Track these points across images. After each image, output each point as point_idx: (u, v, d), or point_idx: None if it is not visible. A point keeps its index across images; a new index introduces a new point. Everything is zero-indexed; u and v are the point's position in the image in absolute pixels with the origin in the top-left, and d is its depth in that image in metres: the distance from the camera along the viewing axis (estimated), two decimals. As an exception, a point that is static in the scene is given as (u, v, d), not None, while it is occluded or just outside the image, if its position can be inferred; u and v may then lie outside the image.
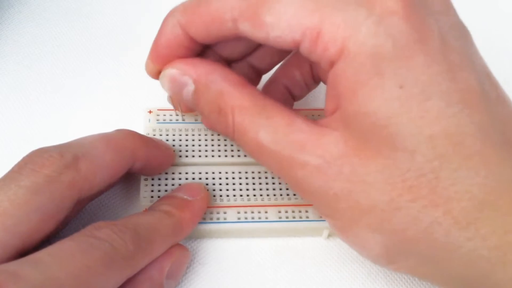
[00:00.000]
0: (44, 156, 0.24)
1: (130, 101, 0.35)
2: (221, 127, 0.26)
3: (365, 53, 0.22)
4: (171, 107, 0.32)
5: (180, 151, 0.31)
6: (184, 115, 0.32)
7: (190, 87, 0.26)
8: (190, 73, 0.26)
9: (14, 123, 0.33)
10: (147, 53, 0.26)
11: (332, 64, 0.23)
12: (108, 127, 0.33)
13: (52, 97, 0.34)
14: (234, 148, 0.31)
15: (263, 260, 0.30)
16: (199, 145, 0.31)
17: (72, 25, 0.38)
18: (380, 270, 0.30)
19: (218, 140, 0.32)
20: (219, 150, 0.31)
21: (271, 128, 0.24)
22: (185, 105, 0.29)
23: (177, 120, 0.32)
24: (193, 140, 0.32)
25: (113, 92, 0.35)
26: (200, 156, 0.31)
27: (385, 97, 0.22)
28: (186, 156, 0.31)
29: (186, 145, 0.31)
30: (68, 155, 0.24)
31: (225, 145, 0.31)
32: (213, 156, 0.31)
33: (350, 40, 0.22)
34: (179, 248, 0.27)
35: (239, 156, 0.31)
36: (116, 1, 0.40)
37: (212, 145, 0.31)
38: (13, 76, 0.35)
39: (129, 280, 0.24)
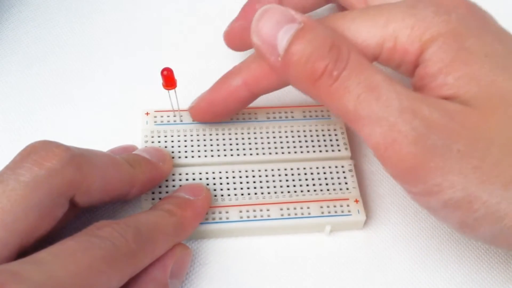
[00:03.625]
0: (49, 148, 0.24)
1: (130, 102, 0.34)
2: (329, 61, 0.24)
3: (446, 36, 0.24)
4: (168, 108, 0.31)
5: (179, 152, 0.31)
6: (181, 116, 0.32)
7: (296, 25, 0.25)
8: (299, 15, 0.25)
9: (14, 123, 0.33)
10: (147, 53, 0.26)
11: (415, 62, 0.25)
12: (108, 128, 0.33)
13: (52, 97, 0.34)
14: (234, 147, 0.31)
15: (265, 258, 0.29)
16: (198, 146, 0.31)
17: (72, 25, 0.38)
18: (383, 262, 0.30)
19: (217, 139, 0.32)
20: (218, 150, 0.31)
21: (389, 78, 0.24)
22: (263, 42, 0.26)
23: (174, 121, 0.32)
24: (191, 140, 0.31)
25: (113, 92, 0.35)
26: (199, 157, 0.31)
27: (479, 65, 0.24)
28: (186, 157, 0.31)
29: (185, 146, 0.31)
30: (74, 150, 0.24)
31: (224, 145, 0.31)
32: (212, 156, 0.31)
33: (427, 33, 0.25)
34: (181, 246, 0.27)
35: (238, 155, 0.31)
36: (117, 1, 0.39)
37: (211, 145, 0.31)
38: (13, 76, 0.35)
39: (133, 281, 0.24)
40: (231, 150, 0.31)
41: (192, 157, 0.31)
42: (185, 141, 0.31)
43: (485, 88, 0.24)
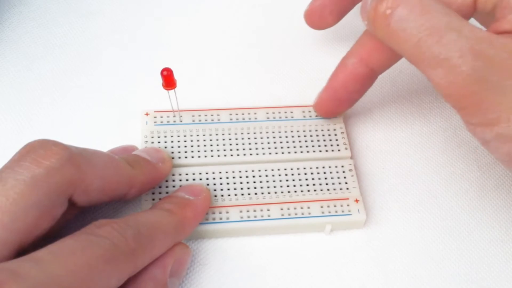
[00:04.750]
0: (47, 146, 0.24)
1: (130, 102, 0.34)
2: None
3: None
4: (168, 108, 0.31)
5: (179, 152, 0.31)
6: (181, 116, 0.32)
7: None
8: None
9: (14, 123, 0.33)
10: (147, 53, 0.26)
11: None
12: (107, 128, 0.33)
13: (52, 97, 0.34)
14: (233, 147, 0.31)
15: (266, 258, 0.29)
16: (198, 146, 0.31)
17: (72, 26, 0.38)
18: (383, 261, 0.30)
19: (217, 140, 0.31)
20: (218, 150, 0.31)
21: (455, 19, 0.24)
22: None
23: (174, 121, 0.32)
24: (191, 141, 0.31)
25: (112, 92, 0.35)
26: (199, 157, 0.31)
27: None
28: (185, 157, 0.31)
29: (185, 146, 0.31)
30: (72, 149, 0.24)
31: (224, 145, 0.31)
32: (212, 156, 0.31)
33: None
34: (180, 246, 0.27)
35: (238, 155, 0.31)
36: (116, 1, 0.39)
37: (211, 145, 0.31)
38: (13, 76, 0.35)
39: (133, 280, 0.24)
40: (231, 150, 0.31)
41: (192, 157, 0.31)
42: (185, 141, 0.31)
43: None
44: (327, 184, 0.31)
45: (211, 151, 0.31)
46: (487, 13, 0.27)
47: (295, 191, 0.30)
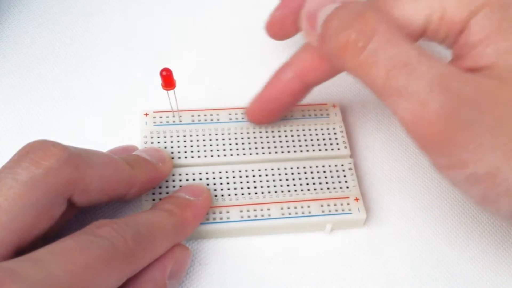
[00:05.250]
0: (46, 147, 0.24)
1: (129, 102, 0.34)
2: (351, 32, 0.24)
3: (493, 5, 0.24)
4: (167, 108, 0.32)
5: (179, 152, 0.31)
6: (181, 116, 0.32)
7: (334, 5, 0.25)
8: None
9: (13, 123, 0.33)
10: (147, 53, 0.26)
11: (460, 32, 0.25)
12: (107, 128, 0.33)
13: (52, 97, 0.34)
14: (233, 147, 0.31)
15: (266, 258, 0.29)
16: (198, 146, 0.31)
17: (72, 26, 0.38)
18: (383, 260, 0.30)
19: (216, 139, 0.32)
20: (217, 150, 0.31)
21: (422, 52, 0.24)
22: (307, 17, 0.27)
23: (174, 121, 0.32)
24: (191, 141, 0.31)
25: (112, 92, 0.35)
26: (199, 157, 0.31)
27: None
28: (185, 157, 0.31)
29: (185, 146, 0.31)
30: (72, 150, 0.24)
31: (224, 145, 0.31)
32: (212, 156, 0.31)
33: (474, 2, 0.25)
34: (180, 247, 0.27)
35: (238, 155, 0.31)
36: (116, 1, 0.39)
37: (211, 145, 0.31)
38: (13, 76, 0.35)
39: (132, 281, 0.24)
40: (231, 150, 0.31)
41: (192, 157, 0.31)
42: (185, 141, 0.31)
43: None
44: (327, 183, 0.31)
45: (211, 151, 0.31)
46: (436, 41, 0.27)
47: (295, 191, 0.30)
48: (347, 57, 0.24)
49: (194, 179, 0.30)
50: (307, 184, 0.31)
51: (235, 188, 0.30)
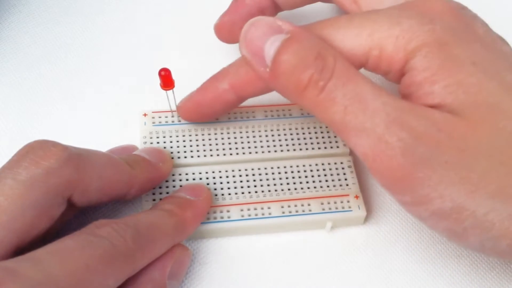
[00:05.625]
0: (46, 147, 0.24)
1: (129, 102, 0.34)
2: (313, 71, 0.24)
3: (431, 46, 0.24)
4: (166, 108, 0.32)
5: (179, 152, 0.31)
6: (179, 116, 0.32)
7: (282, 36, 0.25)
8: (286, 25, 0.25)
9: (13, 123, 0.33)
10: (145, 53, 0.26)
11: (401, 71, 0.25)
12: (107, 128, 0.33)
13: (51, 97, 0.34)
14: (232, 146, 0.31)
15: (266, 257, 0.30)
16: (197, 145, 0.31)
17: (72, 25, 0.38)
18: (384, 258, 0.30)
19: (216, 139, 0.32)
20: (217, 149, 0.31)
21: (376, 87, 0.24)
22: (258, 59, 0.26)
23: (173, 121, 0.32)
24: (190, 140, 0.31)
25: (111, 93, 0.35)
26: (199, 156, 0.31)
27: (466, 73, 0.24)
28: (185, 157, 0.31)
29: (184, 146, 0.31)
30: (71, 150, 0.25)
31: (223, 144, 0.31)
32: (211, 155, 0.31)
33: (412, 42, 0.24)
34: (180, 247, 0.27)
35: (237, 154, 0.31)
36: (116, 1, 0.39)
37: (210, 145, 0.31)
38: (13, 76, 0.35)
39: (131, 281, 0.24)
40: (230, 149, 0.31)
41: (192, 157, 0.31)
42: (184, 141, 0.31)
43: (473, 96, 0.24)
44: (326, 181, 0.31)
45: (210, 150, 0.31)
46: (379, 74, 0.27)
47: (295, 189, 0.30)
48: (307, 96, 0.24)
49: (194, 179, 0.30)
50: (307, 182, 0.31)
51: (235, 187, 0.30)
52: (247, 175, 0.31)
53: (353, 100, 0.23)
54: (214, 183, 0.30)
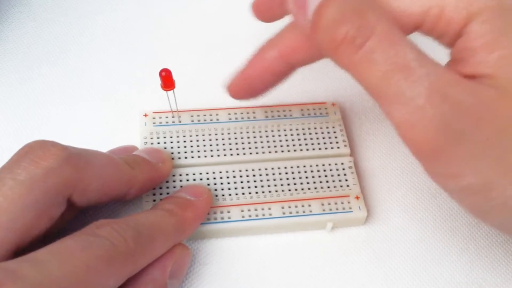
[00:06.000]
0: (46, 147, 0.24)
1: (129, 103, 0.34)
2: (350, 27, 0.23)
3: (494, 10, 0.23)
4: (167, 109, 0.32)
5: (179, 152, 0.31)
6: (180, 116, 0.32)
7: None
8: None
9: (13, 123, 0.33)
10: (146, 54, 0.26)
11: (458, 33, 0.24)
12: (107, 129, 0.33)
13: (51, 97, 0.34)
14: (233, 146, 0.31)
15: (266, 257, 0.29)
16: (197, 146, 0.31)
17: (72, 26, 0.38)
18: (384, 258, 0.30)
19: (216, 139, 0.32)
20: (217, 150, 0.31)
21: (422, 55, 0.23)
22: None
23: (173, 122, 0.32)
24: (191, 141, 0.31)
25: (112, 93, 0.35)
26: (199, 157, 0.31)
27: None
28: (185, 158, 0.31)
29: (185, 147, 0.31)
30: (71, 150, 0.25)
31: (223, 144, 0.31)
32: (212, 156, 0.31)
33: (475, 3, 0.23)
34: (181, 247, 0.27)
35: (238, 154, 0.31)
36: (116, 1, 0.39)
37: (211, 145, 0.31)
38: (13, 76, 0.35)
39: (132, 281, 0.24)
40: (231, 149, 0.31)
41: (192, 157, 0.31)
42: (184, 141, 0.31)
43: None
44: (327, 181, 0.31)
45: (211, 151, 0.31)
46: (432, 37, 0.26)
47: (296, 189, 0.30)
48: (342, 53, 0.23)
49: (194, 179, 0.30)
50: (308, 183, 0.31)
51: (235, 188, 0.30)
52: (247, 176, 0.31)
53: (394, 65, 0.22)
54: (215, 184, 0.30)
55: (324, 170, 0.31)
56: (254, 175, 0.31)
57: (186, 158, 0.31)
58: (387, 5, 0.24)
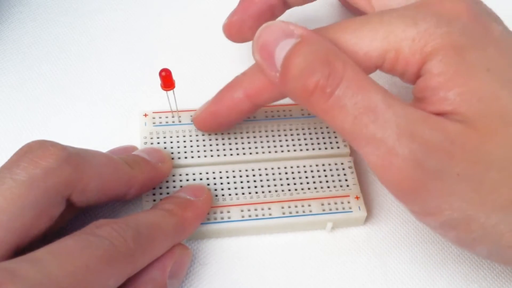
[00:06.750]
0: (45, 147, 0.24)
1: (129, 103, 0.34)
2: (320, 77, 0.24)
3: (448, 49, 0.24)
4: (167, 109, 0.31)
5: (179, 152, 0.31)
6: (180, 116, 0.32)
7: (292, 40, 0.25)
8: (298, 29, 0.25)
9: (13, 123, 0.33)
10: (146, 54, 0.26)
11: (417, 73, 0.25)
12: (107, 129, 0.33)
13: (51, 97, 0.34)
14: (233, 146, 0.31)
15: (266, 257, 0.30)
16: (197, 146, 0.31)
17: (72, 26, 0.38)
18: (384, 260, 0.30)
19: (216, 139, 0.31)
20: (217, 150, 0.31)
21: (388, 96, 0.24)
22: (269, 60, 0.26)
23: (173, 122, 0.32)
24: (190, 141, 0.31)
25: (112, 93, 0.35)
26: (199, 157, 0.31)
27: (481, 80, 0.24)
28: (185, 158, 0.31)
29: (185, 147, 0.31)
30: (70, 150, 0.25)
31: (223, 144, 0.31)
32: (212, 156, 0.31)
33: (428, 45, 0.24)
34: (180, 247, 0.27)
35: (238, 154, 0.31)
36: (116, 1, 0.39)
37: (210, 145, 0.31)
38: (13, 76, 0.35)
39: (132, 281, 0.24)
40: (231, 149, 0.31)
41: (192, 157, 0.31)
42: (184, 141, 0.31)
43: (486, 106, 0.23)
44: (327, 181, 0.31)
45: (211, 151, 0.31)
46: (394, 75, 0.26)
47: (296, 189, 0.30)
48: (314, 102, 0.24)
49: (194, 179, 0.30)
50: (307, 183, 0.31)
51: (235, 188, 0.30)
52: (247, 176, 0.31)
53: (363, 109, 0.23)
54: (215, 184, 0.30)
55: (324, 170, 0.31)
56: (254, 175, 0.31)
57: (186, 158, 0.31)
58: (347, 50, 0.25)
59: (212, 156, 0.31)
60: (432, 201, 0.23)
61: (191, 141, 0.31)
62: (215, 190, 0.30)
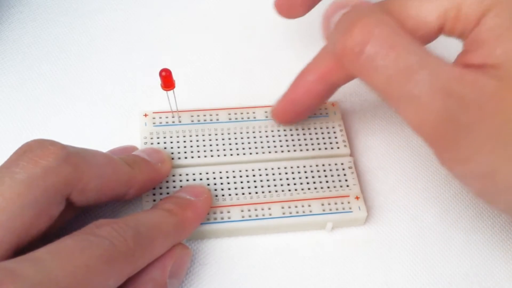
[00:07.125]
0: (44, 146, 0.24)
1: (129, 103, 0.34)
2: (352, 34, 0.24)
3: (504, 3, 0.24)
4: (167, 109, 0.31)
5: (179, 152, 0.31)
6: (180, 117, 0.32)
7: (344, 11, 0.26)
8: (354, 1, 0.26)
9: (13, 123, 0.33)
10: (146, 54, 0.26)
11: (475, 26, 0.25)
12: (107, 129, 0.33)
13: (51, 97, 0.34)
14: (233, 146, 0.31)
15: (266, 258, 0.29)
16: (197, 146, 0.31)
17: (72, 26, 0.38)
18: (384, 260, 0.30)
19: (216, 139, 0.31)
20: (217, 150, 0.31)
21: (424, 55, 0.24)
22: None
23: (173, 122, 0.32)
24: (191, 141, 0.31)
25: (112, 93, 0.35)
26: (199, 157, 0.31)
27: None
28: (185, 158, 0.31)
29: (185, 147, 0.31)
30: (70, 149, 0.25)
31: (223, 144, 0.31)
32: (212, 156, 0.31)
33: (485, 1, 0.24)
34: (181, 247, 0.27)
35: (238, 154, 0.31)
36: (116, 1, 0.39)
37: (210, 145, 0.31)
38: (13, 76, 0.35)
39: (132, 281, 0.24)
40: (231, 149, 0.31)
41: (192, 157, 0.31)
42: (184, 141, 0.31)
43: None
44: (327, 182, 0.31)
45: (211, 151, 0.31)
46: (454, 37, 0.27)
47: (296, 190, 0.30)
48: (347, 62, 0.25)
49: (194, 179, 0.30)
50: (308, 183, 0.31)
51: (235, 188, 0.30)
52: (247, 176, 0.31)
53: (397, 69, 0.23)
54: (215, 184, 0.30)
55: (324, 170, 0.31)
56: (254, 175, 0.31)
57: (186, 158, 0.31)
58: (406, 15, 0.26)
59: (212, 156, 0.31)
60: (463, 152, 0.24)
61: (191, 141, 0.31)
62: (215, 190, 0.30)
